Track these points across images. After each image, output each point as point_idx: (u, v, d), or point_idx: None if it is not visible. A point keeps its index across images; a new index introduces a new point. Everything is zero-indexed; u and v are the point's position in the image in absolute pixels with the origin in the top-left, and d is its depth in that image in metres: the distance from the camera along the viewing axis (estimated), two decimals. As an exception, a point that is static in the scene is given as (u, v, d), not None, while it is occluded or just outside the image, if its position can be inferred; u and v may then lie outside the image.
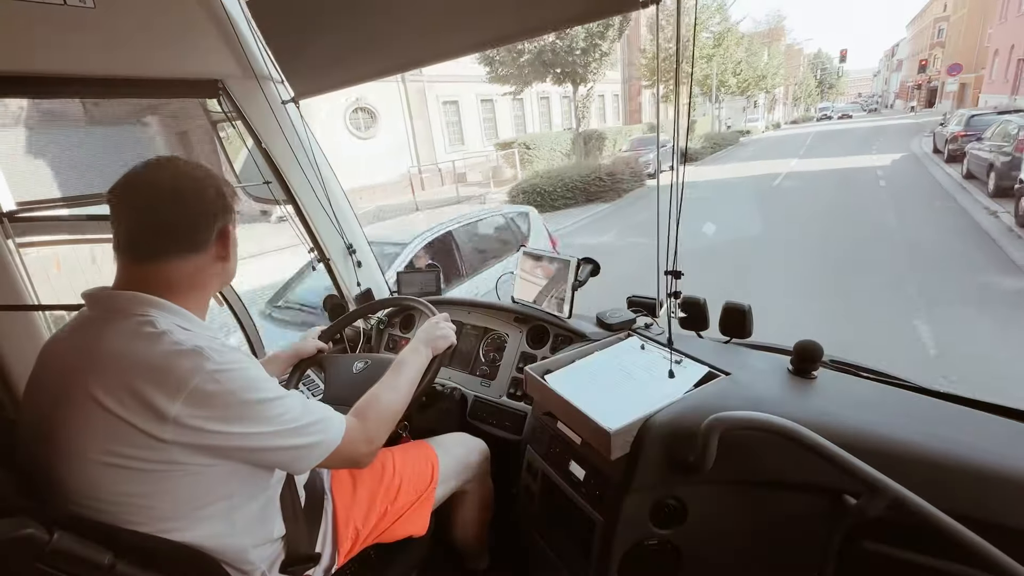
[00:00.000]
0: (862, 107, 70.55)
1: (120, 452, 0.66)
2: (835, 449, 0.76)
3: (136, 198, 0.75)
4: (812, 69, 60.39)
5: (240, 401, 0.70)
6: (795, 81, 52.12)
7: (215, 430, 0.68)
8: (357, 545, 1.04)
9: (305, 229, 1.84)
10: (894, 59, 67.90)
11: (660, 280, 0.99)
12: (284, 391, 0.78)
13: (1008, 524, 0.74)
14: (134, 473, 0.67)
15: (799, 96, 54.14)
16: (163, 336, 0.69)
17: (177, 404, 0.66)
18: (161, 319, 0.72)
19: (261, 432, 0.72)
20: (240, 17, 1.40)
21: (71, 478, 0.67)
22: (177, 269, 0.77)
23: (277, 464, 0.81)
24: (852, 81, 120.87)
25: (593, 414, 0.96)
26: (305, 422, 0.77)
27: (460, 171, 16.69)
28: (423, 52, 1.34)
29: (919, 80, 41.79)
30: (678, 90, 0.91)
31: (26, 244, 1.33)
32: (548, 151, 15.77)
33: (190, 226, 0.78)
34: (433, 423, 1.51)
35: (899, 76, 61.12)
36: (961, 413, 0.95)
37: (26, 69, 1.15)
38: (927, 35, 41.94)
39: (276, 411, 0.74)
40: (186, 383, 0.66)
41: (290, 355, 1.32)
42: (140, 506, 0.68)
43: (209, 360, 0.69)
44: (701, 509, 0.94)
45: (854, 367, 1.18)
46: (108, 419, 0.65)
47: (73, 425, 0.67)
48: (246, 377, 0.72)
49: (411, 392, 1.03)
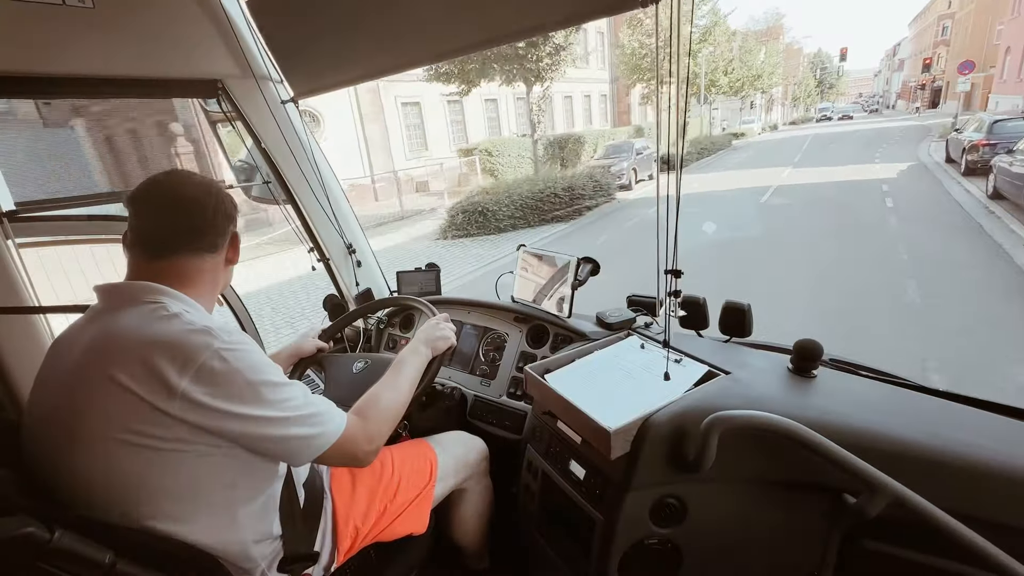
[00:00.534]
0: (863, 107, 69.33)
1: (134, 429, 0.68)
2: (835, 448, 0.76)
3: (161, 199, 0.82)
4: (812, 69, 59.86)
5: (246, 381, 0.72)
6: (794, 81, 51.28)
7: (219, 408, 0.70)
8: (357, 544, 1.04)
9: (305, 229, 1.84)
10: (895, 58, 67.85)
11: (660, 279, 0.99)
12: (288, 380, 0.80)
13: (1008, 522, 0.74)
14: (146, 452, 0.68)
15: (798, 96, 53.52)
16: (175, 317, 0.73)
17: (185, 379, 0.68)
18: (172, 304, 0.76)
19: (263, 416, 0.73)
20: (239, 17, 1.40)
21: (84, 466, 0.69)
22: (189, 265, 0.83)
23: (277, 453, 0.80)
24: (853, 81, 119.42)
25: (593, 413, 0.96)
26: (307, 412, 0.78)
27: (422, 179, 15.54)
28: (422, 51, 1.34)
29: (923, 80, 40.49)
30: (659, 89, 0.91)
31: (26, 244, 1.33)
32: (516, 157, 14.66)
33: (209, 228, 0.85)
34: (433, 422, 1.51)
35: (901, 76, 60.82)
36: (961, 411, 0.95)
37: (26, 69, 1.15)
38: (930, 33, 41.10)
39: (280, 396, 0.76)
40: (195, 358, 0.69)
41: (289, 354, 1.33)
42: (149, 490, 0.70)
43: (218, 339, 0.72)
44: (701, 508, 0.94)
45: (854, 366, 1.18)
46: (124, 396, 0.67)
47: (90, 408, 0.69)
48: (253, 359, 0.74)
49: (411, 392, 1.03)
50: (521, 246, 1.63)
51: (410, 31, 1.30)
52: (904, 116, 37.00)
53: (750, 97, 29.36)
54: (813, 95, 58.75)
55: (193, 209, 0.83)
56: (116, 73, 1.30)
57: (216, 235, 0.86)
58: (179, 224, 0.82)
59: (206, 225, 0.84)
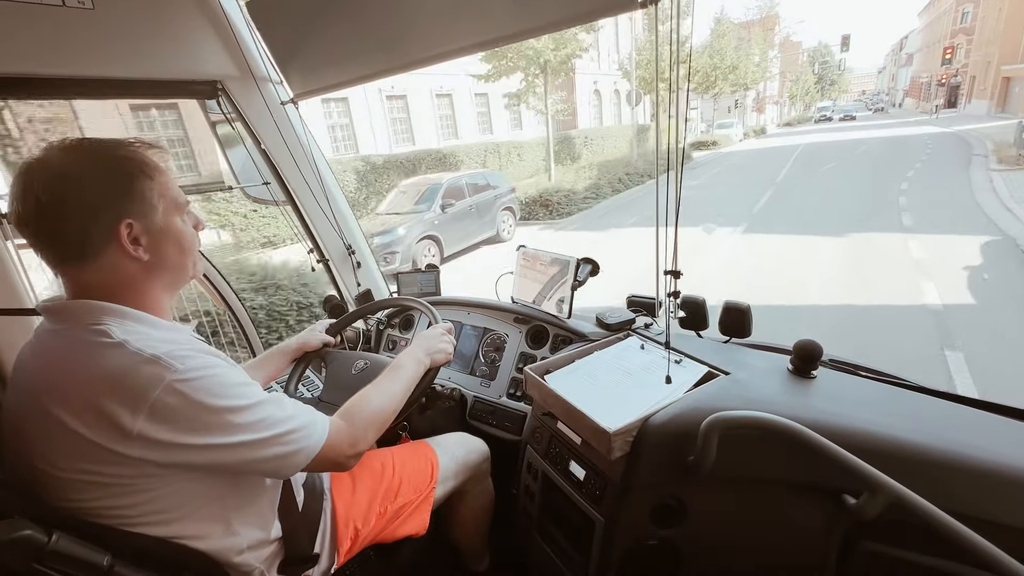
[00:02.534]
0: (866, 106, 65.51)
1: (91, 469, 0.64)
2: (835, 448, 0.76)
3: (16, 207, 0.67)
4: (810, 63, 54.19)
5: (209, 410, 0.66)
6: (791, 77, 47.81)
7: (184, 443, 0.65)
8: (356, 545, 1.04)
9: (304, 230, 1.84)
10: (902, 53, 62.23)
11: (659, 280, 0.99)
12: (262, 395, 0.73)
13: (1008, 523, 0.74)
14: (110, 488, 0.65)
15: (795, 94, 49.05)
16: (121, 347, 0.65)
17: (140, 419, 0.62)
18: (117, 327, 0.67)
19: (235, 442, 0.68)
20: (239, 18, 1.40)
21: (49, 490, 0.66)
22: (94, 275, 0.70)
23: (257, 473, 0.78)
24: (855, 78, 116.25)
25: (593, 414, 0.96)
26: (284, 429, 0.73)
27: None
28: (422, 52, 1.34)
29: (943, 75, 33.53)
30: (658, 88, 0.91)
31: (26, 245, 1.32)
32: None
33: (66, 232, 0.68)
34: (433, 423, 1.51)
35: (909, 71, 55.08)
36: (961, 412, 0.95)
37: (26, 70, 1.15)
38: (946, 21, 35.86)
39: (251, 418, 0.70)
40: (147, 396, 0.62)
41: (295, 348, 1.30)
42: (124, 515, 0.67)
43: (170, 369, 0.64)
44: (701, 509, 0.94)
45: (854, 366, 1.17)
46: (74, 438, 0.63)
47: (43, 441, 0.66)
48: (215, 384, 0.67)
49: (404, 399, 1.00)
50: (521, 246, 1.63)
51: (410, 32, 1.30)
52: (916, 117, 32.10)
53: (724, 94, 23.15)
54: (812, 92, 53.56)
55: (41, 220, 0.67)
56: (116, 74, 1.30)
57: (85, 237, 0.68)
58: (42, 237, 0.68)
59: (61, 229, 0.67)
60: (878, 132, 22.17)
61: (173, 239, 0.76)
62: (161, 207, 0.74)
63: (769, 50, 31.63)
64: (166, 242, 0.75)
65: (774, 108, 47.50)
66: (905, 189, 8.97)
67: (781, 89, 48.63)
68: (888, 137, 18.98)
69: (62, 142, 0.70)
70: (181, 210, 0.78)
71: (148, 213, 0.72)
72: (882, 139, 18.47)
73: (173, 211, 0.76)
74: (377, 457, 1.15)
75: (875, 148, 16.13)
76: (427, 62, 1.37)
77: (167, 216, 0.75)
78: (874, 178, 10.73)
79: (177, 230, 0.76)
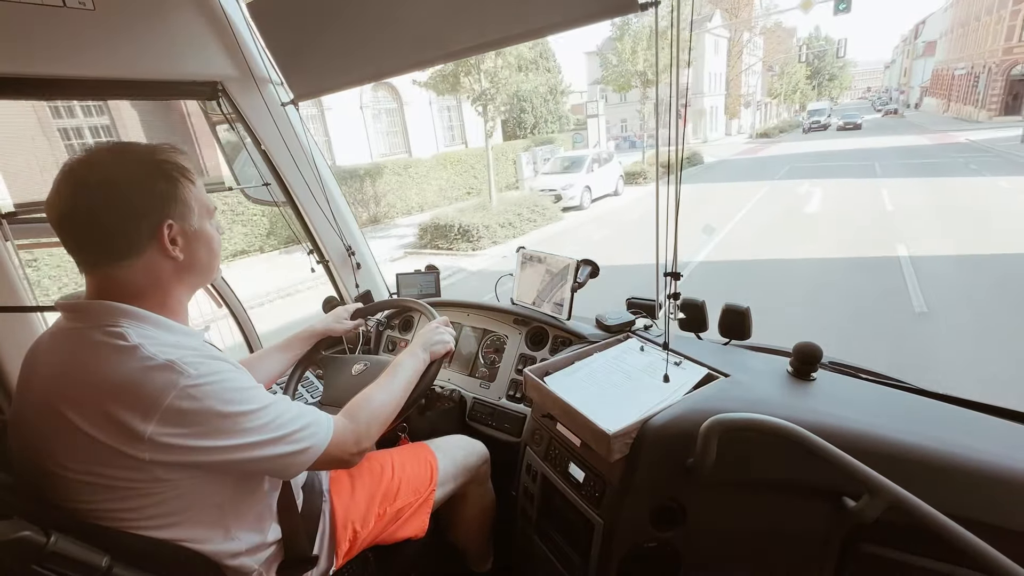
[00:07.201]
0: (873, 106, 50.66)
1: (101, 472, 0.65)
2: (834, 451, 0.76)
3: (62, 206, 0.69)
4: (800, 51, 41.10)
5: (219, 414, 0.68)
6: (777, 71, 38.68)
7: (195, 446, 0.66)
8: (355, 547, 1.04)
9: (304, 231, 1.84)
10: (918, 42, 48.26)
11: (659, 282, 0.99)
12: (269, 398, 0.76)
13: (1007, 526, 0.73)
14: (118, 491, 0.66)
15: (778, 92, 39.55)
16: (134, 351, 0.66)
17: (151, 424, 0.63)
18: (132, 330, 0.69)
19: (244, 444, 0.70)
20: (239, 19, 1.40)
21: (56, 491, 0.67)
22: (128, 273, 0.72)
23: (265, 472, 0.80)
24: (859, 73, 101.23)
25: (592, 416, 0.96)
26: (291, 429, 0.75)
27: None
28: (422, 54, 1.35)
29: (1005, 62, 20.29)
30: (658, 92, 0.91)
31: (26, 245, 1.33)
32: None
33: (114, 232, 0.70)
34: (432, 425, 1.51)
35: (930, 63, 42.47)
36: (961, 415, 0.95)
37: (26, 71, 1.15)
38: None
39: (259, 421, 0.72)
40: (159, 402, 0.64)
41: (320, 331, 1.29)
42: (126, 518, 0.68)
43: (183, 375, 0.66)
44: (700, 511, 0.94)
45: (853, 369, 1.17)
46: (86, 440, 0.64)
47: (54, 442, 0.67)
48: (226, 388, 0.69)
49: (405, 396, 1.01)
50: (520, 248, 1.63)
51: (410, 34, 1.30)
52: (956, 124, 20.88)
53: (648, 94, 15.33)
54: (804, 90, 42.68)
55: (89, 216, 0.69)
56: (116, 75, 1.30)
57: (129, 236, 0.71)
58: (85, 234, 0.70)
59: (109, 228, 0.70)
60: (909, 158, 12.42)
61: (204, 241, 0.80)
62: (196, 210, 0.78)
63: (746, 32, 26.08)
64: (199, 243, 0.79)
65: (753, 111, 38.78)
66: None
67: (769, 87, 40.86)
68: (938, 185, 8.93)
69: (103, 145, 0.74)
70: (211, 214, 0.82)
71: (187, 215, 0.76)
72: (930, 192, 8.61)
73: (205, 215, 0.80)
74: (376, 459, 1.15)
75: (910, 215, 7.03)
76: (427, 64, 1.37)
77: (201, 219, 0.79)
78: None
79: (208, 233, 0.81)
